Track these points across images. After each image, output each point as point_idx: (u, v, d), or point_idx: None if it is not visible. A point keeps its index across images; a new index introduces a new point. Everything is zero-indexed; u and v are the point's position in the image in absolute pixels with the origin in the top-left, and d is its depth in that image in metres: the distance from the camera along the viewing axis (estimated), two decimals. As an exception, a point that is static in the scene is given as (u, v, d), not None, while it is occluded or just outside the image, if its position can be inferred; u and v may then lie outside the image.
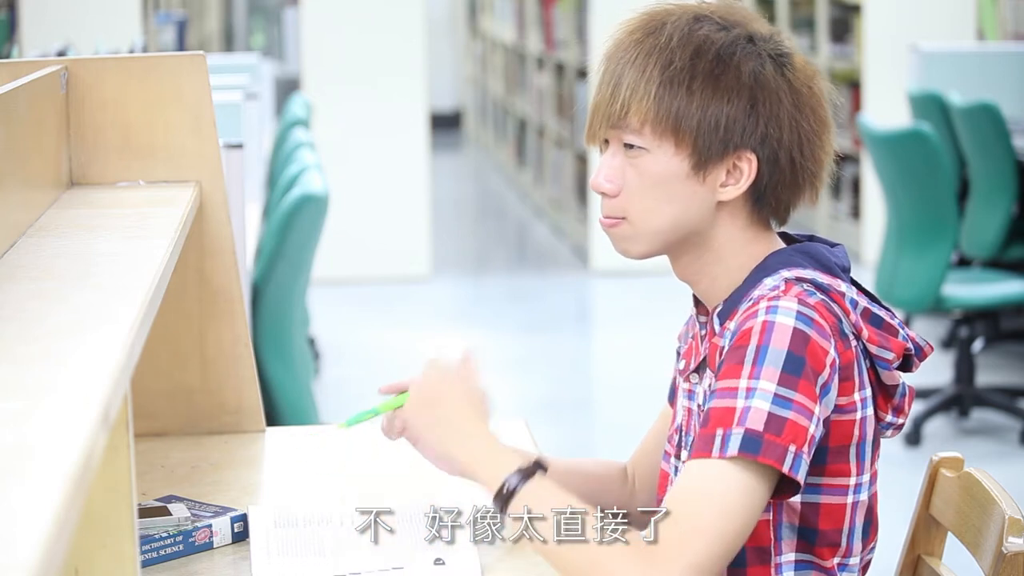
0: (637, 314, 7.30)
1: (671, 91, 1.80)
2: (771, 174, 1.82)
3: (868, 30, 8.13)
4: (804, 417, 1.71)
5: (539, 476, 1.77)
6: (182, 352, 2.37)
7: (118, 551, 1.45)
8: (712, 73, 1.80)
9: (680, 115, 1.80)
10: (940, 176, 5.20)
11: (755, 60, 1.82)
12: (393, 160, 8.10)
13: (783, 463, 1.69)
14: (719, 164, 1.82)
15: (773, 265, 1.82)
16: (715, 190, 1.83)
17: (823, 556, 1.81)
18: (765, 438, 1.69)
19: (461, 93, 15.62)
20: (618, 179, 1.84)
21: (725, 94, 1.80)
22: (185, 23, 8.11)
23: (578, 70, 9.23)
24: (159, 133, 2.28)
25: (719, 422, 1.71)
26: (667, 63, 1.81)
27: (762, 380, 1.71)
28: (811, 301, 1.76)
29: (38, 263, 1.76)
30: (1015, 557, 1.76)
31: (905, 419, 1.87)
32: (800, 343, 1.72)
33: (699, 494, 1.69)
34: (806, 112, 1.83)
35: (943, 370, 5.89)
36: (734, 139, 1.81)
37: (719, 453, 1.69)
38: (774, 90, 1.82)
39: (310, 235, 3.91)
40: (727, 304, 1.84)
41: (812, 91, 1.85)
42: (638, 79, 1.81)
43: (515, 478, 1.76)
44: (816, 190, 1.86)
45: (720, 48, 1.81)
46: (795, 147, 1.82)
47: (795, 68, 1.84)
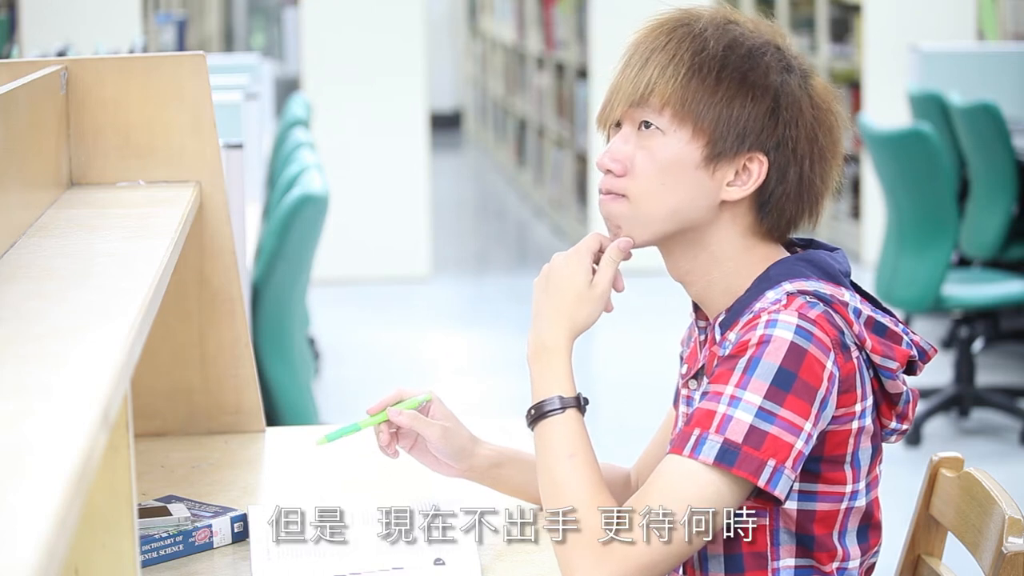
0: (637, 314, 7.30)
1: (699, 77, 1.80)
2: (778, 183, 1.82)
3: (868, 30, 8.13)
4: (789, 433, 1.71)
5: (571, 412, 1.81)
6: (182, 352, 2.37)
7: (118, 551, 1.45)
8: (741, 68, 1.81)
9: (703, 103, 1.80)
10: (940, 176, 5.20)
11: (783, 67, 1.83)
12: (393, 160, 8.10)
13: (759, 477, 1.70)
14: (730, 161, 1.81)
15: (776, 276, 1.82)
16: (721, 187, 1.82)
17: (822, 561, 1.81)
18: (743, 450, 1.70)
19: (461, 93, 15.62)
20: (625, 161, 1.83)
21: (750, 91, 1.80)
22: (185, 23, 8.11)
23: (578, 70, 9.23)
24: (159, 133, 2.28)
25: (698, 422, 1.73)
26: (699, 49, 1.81)
27: (748, 391, 1.71)
28: (812, 315, 1.75)
29: (38, 263, 1.75)
30: (1015, 557, 1.76)
31: (909, 425, 1.86)
32: (795, 359, 1.72)
33: (669, 494, 1.72)
34: (824, 129, 1.84)
35: (943, 370, 5.89)
36: (751, 138, 1.81)
37: (690, 453, 1.72)
38: (797, 99, 1.82)
39: (310, 235, 3.91)
40: (729, 314, 1.83)
41: (832, 111, 1.86)
42: (668, 61, 1.81)
43: (554, 402, 1.82)
44: (817, 214, 1.86)
45: (752, 47, 1.82)
46: (807, 160, 1.82)
47: (816, 85, 1.86)
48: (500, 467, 2.02)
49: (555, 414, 1.81)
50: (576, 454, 1.78)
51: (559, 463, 1.78)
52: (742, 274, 1.84)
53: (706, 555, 1.83)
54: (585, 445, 1.79)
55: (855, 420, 1.78)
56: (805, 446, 1.72)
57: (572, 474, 1.77)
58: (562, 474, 1.77)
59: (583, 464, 1.77)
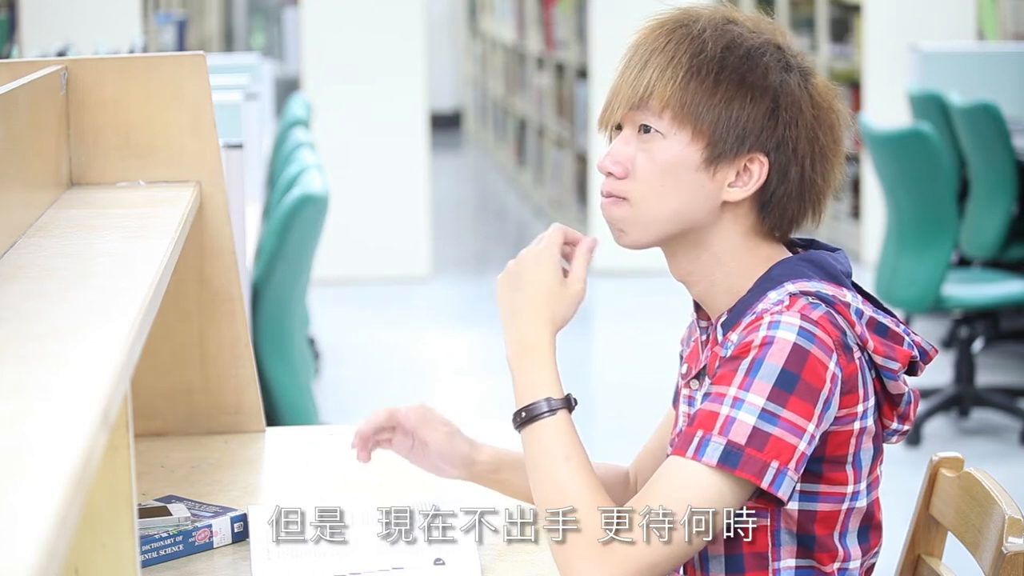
0: (637, 314, 7.30)
1: (697, 79, 1.80)
2: (780, 183, 1.82)
3: (868, 30, 8.13)
4: (792, 435, 1.71)
5: (562, 414, 1.81)
6: (182, 352, 2.37)
7: (118, 551, 1.45)
8: (740, 69, 1.81)
9: (702, 105, 1.80)
10: (940, 176, 5.20)
11: (782, 67, 1.82)
12: (393, 160, 8.10)
13: (762, 479, 1.70)
14: (731, 162, 1.81)
15: (778, 277, 1.82)
16: (722, 188, 1.82)
17: (823, 561, 1.81)
18: (746, 452, 1.70)
19: (461, 93, 15.62)
20: (626, 164, 1.83)
21: (749, 92, 1.80)
22: (185, 23, 8.11)
23: (578, 70, 9.23)
24: (159, 133, 2.28)
25: (701, 424, 1.73)
26: (697, 51, 1.81)
27: (751, 393, 1.72)
28: (814, 316, 1.75)
29: (38, 263, 1.75)
30: (1015, 557, 1.76)
31: (911, 425, 1.86)
32: (798, 360, 1.72)
33: (670, 495, 1.72)
34: (824, 128, 1.84)
35: (943, 370, 5.89)
36: (750, 139, 1.81)
37: (693, 454, 1.72)
38: (797, 99, 1.82)
39: (310, 235, 3.91)
40: (732, 315, 1.83)
41: (833, 110, 1.85)
42: (666, 63, 1.81)
43: (543, 405, 1.81)
44: (819, 213, 1.86)
45: (751, 47, 1.82)
46: (808, 160, 1.82)
47: (817, 84, 1.85)
48: (499, 472, 2.03)
49: (547, 416, 1.81)
50: (572, 456, 1.78)
51: (556, 465, 1.78)
52: (744, 274, 1.84)
53: (707, 555, 1.83)
54: (578, 446, 1.79)
55: (857, 421, 1.78)
56: (807, 447, 1.72)
57: (570, 476, 1.77)
58: (560, 476, 1.77)
59: (578, 466, 1.77)
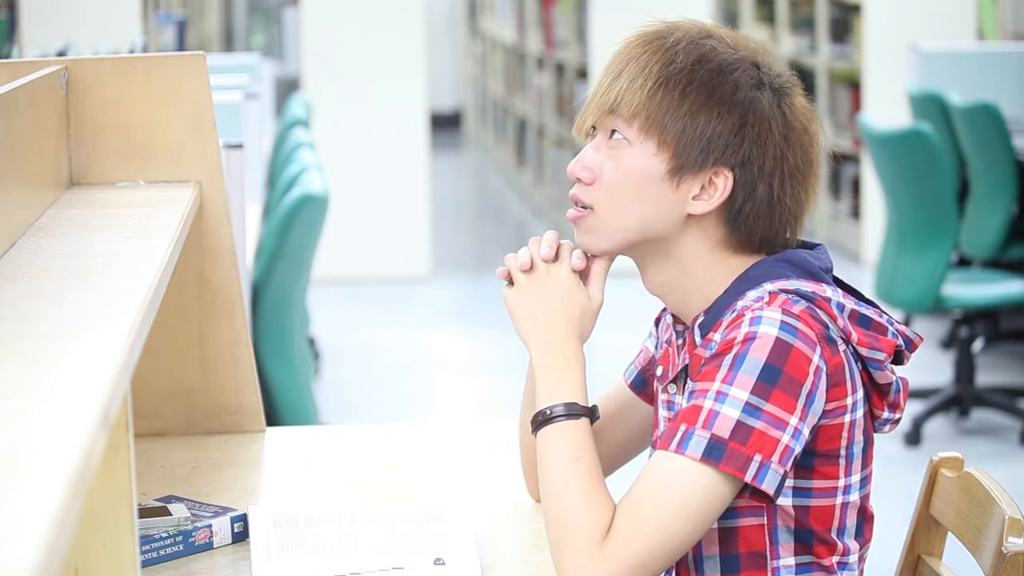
0: (636, 314, 7.30)
1: (665, 89, 1.81)
2: (746, 199, 1.83)
3: (868, 30, 8.13)
4: (775, 428, 1.72)
5: (584, 421, 1.82)
6: (182, 352, 2.37)
7: (118, 551, 1.45)
8: (709, 83, 1.82)
9: (668, 116, 1.82)
10: (940, 176, 5.20)
11: (754, 84, 1.83)
12: (393, 160, 8.10)
13: (746, 472, 1.71)
14: (695, 175, 1.82)
15: (756, 277, 1.82)
16: (686, 201, 1.83)
17: (821, 555, 1.82)
18: (729, 446, 1.71)
19: (461, 93, 15.62)
20: (595, 169, 1.86)
21: (716, 106, 1.81)
22: (185, 23, 8.11)
23: (578, 70, 9.23)
24: (159, 133, 2.28)
25: (684, 418, 1.74)
26: (668, 62, 1.82)
27: (734, 387, 1.73)
28: (795, 310, 1.76)
29: (38, 263, 1.75)
30: (1015, 557, 1.77)
31: (901, 414, 1.87)
32: (780, 354, 1.73)
33: (658, 490, 1.73)
34: (795, 148, 1.84)
35: (943, 370, 5.89)
36: (715, 153, 1.82)
37: (676, 448, 1.73)
38: (766, 117, 1.82)
39: (310, 235, 3.91)
40: (709, 316, 1.84)
41: (806, 131, 1.85)
42: (638, 73, 1.83)
43: (566, 408, 1.82)
44: (795, 232, 1.87)
45: (723, 62, 1.83)
46: (776, 180, 1.83)
47: (794, 104, 1.85)
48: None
49: (571, 419, 1.82)
50: (582, 458, 1.79)
51: (567, 466, 1.79)
52: (717, 284, 1.85)
53: (702, 556, 1.83)
54: (592, 452, 1.81)
55: (847, 413, 1.79)
56: (792, 440, 1.73)
57: (577, 477, 1.78)
58: (568, 476, 1.78)
59: (586, 469, 1.79)
